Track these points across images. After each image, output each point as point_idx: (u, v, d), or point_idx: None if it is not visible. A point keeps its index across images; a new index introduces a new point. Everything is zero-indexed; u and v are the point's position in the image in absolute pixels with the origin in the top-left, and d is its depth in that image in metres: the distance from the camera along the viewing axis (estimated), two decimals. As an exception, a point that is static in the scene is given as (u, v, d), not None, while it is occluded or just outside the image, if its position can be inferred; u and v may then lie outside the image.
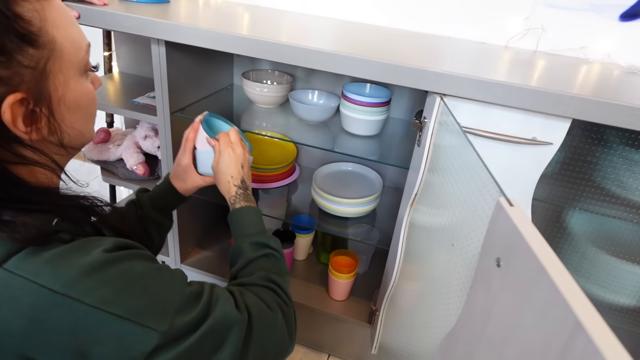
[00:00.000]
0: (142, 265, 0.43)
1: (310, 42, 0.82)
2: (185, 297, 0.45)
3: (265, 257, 0.67)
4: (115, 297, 0.39)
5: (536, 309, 0.32)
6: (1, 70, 0.37)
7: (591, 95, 0.70)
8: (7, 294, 0.36)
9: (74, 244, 0.40)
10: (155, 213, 0.78)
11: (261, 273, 0.63)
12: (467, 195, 0.55)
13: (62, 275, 0.37)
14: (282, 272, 0.66)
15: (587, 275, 0.98)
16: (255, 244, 0.68)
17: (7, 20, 0.36)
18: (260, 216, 0.74)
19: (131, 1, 1.01)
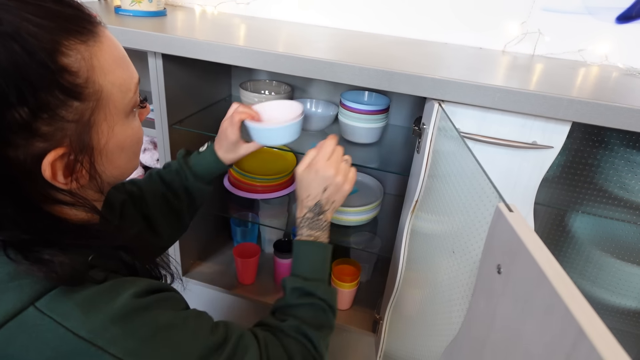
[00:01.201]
0: (169, 314, 0.42)
1: (307, 52, 0.82)
2: (207, 349, 0.44)
3: (308, 307, 0.62)
4: (138, 349, 0.38)
5: (538, 316, 0.31)
6: (44, 127, 0.35)
7: (590, 98, 0.69)
8: (35, 334, 0.35)
9: (105, 285, 0.39)
10: (201, 183, 0.77)
11: (295, 323, 0.59)
12: (467, 201, 0.54)
13: (90, 321, 0.36)
14: (321, 325, 0.61)
15: (592, 279, 0.97)
16: (299, 289, 0.63)
17: (52, 74, 0.34)
18: (320, 254, 0.68)
19: (127, 15, 1.02)
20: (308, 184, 0.68)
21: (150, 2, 1.02)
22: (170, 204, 0.76)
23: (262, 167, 1.21)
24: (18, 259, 0.36)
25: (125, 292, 0.39)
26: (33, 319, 0.35)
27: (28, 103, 0.33)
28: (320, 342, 0.59)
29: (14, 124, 0.34)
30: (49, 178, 0.37)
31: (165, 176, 0.77)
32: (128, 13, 1.02)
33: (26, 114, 0.34)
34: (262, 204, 1.28)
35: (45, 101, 0.34)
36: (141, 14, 1.02)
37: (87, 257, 0.40)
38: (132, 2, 1.00)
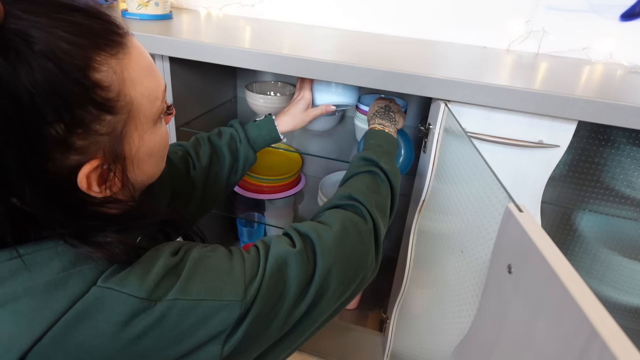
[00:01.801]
0: (198, 251, 0.46)
1: (312, 53, 0.83)
2: (248, 261, 0.47)
3: (366, 174, 0.67)
4: (186, 285, 0.42)
5: (550, 316, 0.31)
6: (79, 142, 0.37)
7: (596, 97, 0.69)
8: (100, 306, 0.38)
9: (147, 254, 0.43)
10: (250, 149, 0.81)
11: (344, 191, 0.62)
12: (476, 201, 0.55)
13: (144, 283, 0.40)
14: (374, 190, 0.64)
15: (599, 278, 0.97)
16: (364, 159, 0.69)
17: (85, 91, 0.35)
18: (390, 141, 0.76)
19: (134, 18, 1.02)
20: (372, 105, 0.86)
21: (157, 5, 1.03)
22: (213, 167, 0.77)
23: (269, 167, 1.22)
24: (77, 244, 0.39)
25: (163, 254, 0.43)
26: (95, 295, 0.38)
27: (63, 119, 0.35)
28: (369, 204, 0.60)
29: (50, 139, 0.35)
30: (84, 189, 0.40)
31: (215, 139, 0.79)
32: (135, 17, 1.02)
33: (62, 130, 0.35)
34: (268, 205, 1.28)
35: (80, 117, 0.36)
36: (148, 17, 1.03)
37: (135, 239, 0.43)
38: (139, 6, 1.01)
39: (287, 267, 0.48)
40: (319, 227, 0.54)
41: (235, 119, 0.85)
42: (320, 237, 0.52)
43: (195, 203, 0.75)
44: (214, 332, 0.42)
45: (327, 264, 0.50)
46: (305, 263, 0.49)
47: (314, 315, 0.50)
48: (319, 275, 0.49)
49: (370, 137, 0.76)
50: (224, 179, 0.78)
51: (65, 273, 0.38)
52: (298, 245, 0.50)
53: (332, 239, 0.52)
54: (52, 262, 0.39)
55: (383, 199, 0.64)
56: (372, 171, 0.67)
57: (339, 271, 0.51)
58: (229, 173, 0.79)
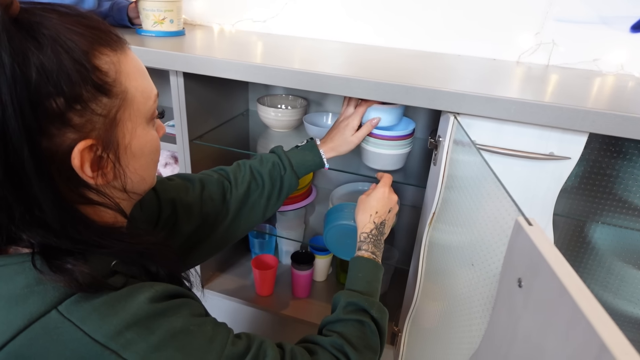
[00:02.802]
0: (185, 320, 0.43)
1: (322, 67, 0.84)
2: (224, 357, 0.45)
3: (357, 324, 0.63)
4: (151, 354, 0.40)
5: (560, 330, 0.31)
6: (76, 118, 0.39)
7: (607, 109, 0.69)
8: (56, 337, 0.37)
9: (123, 291, 0.41)
10: (294, 176, 0.80)
11: (337, 340, 0.59)
12: (486, 214, 0.55)
13: (106, 326, 0.38)
14: (366, 347, 0.61)
15: (614, 291, 0.95)
16: (352, 304, 0.64)
17: (87, 71, 0.39)
18: (378, 274, 0.71)
19: (150, 35, 1.05)
20: (377, 202, 0.78)
21: (172, 22, 1.05)
22: (251, 194, 0.77)
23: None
24: (43, 268, 0.39)
25: (142, 296, 0.41)
26: (54, 322, 0.38)
27: (64, 93, 0.37)
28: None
29: (50, 112, 0.37)
30: (77, 167, 0.40)
31: (256, 165, 0.79)
32: (150, 34, 1.05)
33: (62, 104, 0.38)
34: (279, 216, 1.29)
35: (79, 93, 0.38)
36: (162, 34, 1.05)
37: (109, 263, 0.43)
38: (154, 23, 1.04)
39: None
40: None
41: (278, 146, 0.84)
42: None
43: (225, 227, 0.75)
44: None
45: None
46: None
47: None
48: None
49: (360, 269, 0.72)
50: (261, 206, 0.78)
51: (28, 290, 0.38)
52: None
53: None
54: (18, 276, 0.39)
55: (372, 355, 0.62)
56: (363, 322, 0.63)
57: None
58: (267, 201, 0.78)
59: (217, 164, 0.85)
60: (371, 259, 0.73)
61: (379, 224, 0.76)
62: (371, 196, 0.80)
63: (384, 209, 0.78)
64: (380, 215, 0.77)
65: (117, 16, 1.12)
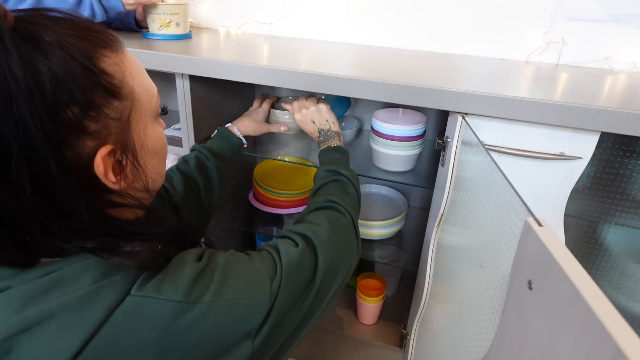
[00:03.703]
0: (222, 258, 0.49)
1: (329, 69, 0.84)
2: (267, 262, 0.51)
3: (331, 182, 0.76)
4: (221, 287, 0.45)
5: (572, 333, 0.30)
6: (92, 125, 0.39)
7: (619, 107, 0.68)
8: (140, 314, 0.40)
9: (173, 262, 0.45)
10: (220, 162, 0.86)
11: (319, 197, 0.70)
12: (495, 215, 0.54)
13: (178, 287, 0.42)
14: (343, 192, 0.73)
15: (628, 293, 0.93)
16: (326, 171, 0.78)
17: (95, 76, 0.39)
18: (341, 152, 0.85)
19: (156, 38, 1.06)
20: (304, 126, 0.95)
21: (178, 25, 1.06)
22: (190, 193, 0.79)
23: (286, 182, 1.23)
24: (107, 256, 0.41)
25: (189, 258, 0.46)
26: (133, 304, 0.40)
27: (78, 101, 0.37)
28: (344, 201, 0.69)
29: (67, 122, 0.37)
30: (101, 174, 0.41)
31: (183, 167, 0.82)
32: (156, 37, 1.06)
33: (77, 112, 0.38)
34: (286, 219, 1.29)
35: (92, 99, 0.39)
36: (169, 37, 1.06)
37: (156, 246, 0.45)
38: (161, 27, 1.04)
39: (297, 263, 0.53)
40: (312, 227, 0.61)
41: (195, 143, 0.90)
42: (316, 235, 0.59)
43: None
44: (247, 328, 0.45)
45: (326, 255, 0.57)
46: (309, 257, 0.56)
47: (319, 301, 0.56)
48: (322, 265, 0.56)
49: (326, 155, 0.86)
50: (205, 200, 0.81)
51: (98, 285, 0.40)
52: (300, 244, 0.56)
53: (326, 235, 0.60)
54: (83, 275, 0.40)
55: (352, 198, 0.74)
56: (337, 179, 0.77)
57: (335, 259, 0.59)
58: (207, 194, 0.82)
59: (224, 166, 0.85)
60: (330, 146, 0.88)
61: (318, 133, 0.92)
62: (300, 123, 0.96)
63: (311, 127, 0.93)
64: (314, 131, 0.93)
65: (125, 20, 1.13)
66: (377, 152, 1.01)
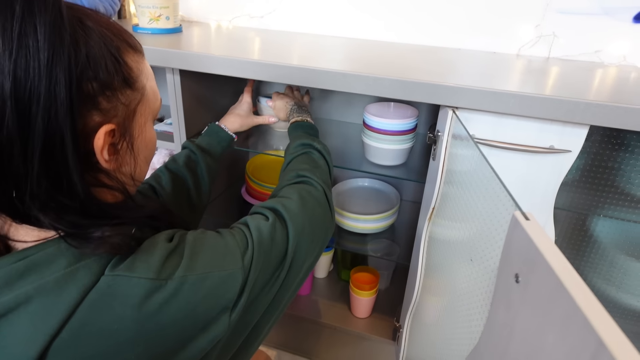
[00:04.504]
0: (192, 234, 0.50)
1: (321, 63, 0.83)
2: (238, 236, 0.52)
3: (302, 155, 0.77)
4: (192, 262, 0.46)
5: (558, 326, 0.31)
6: (104, 102, 0.43)
7: (608, 101, 0.68)
8: (114, 293, 0.41)
9: (145, 243, 0.46)
10: (210, 159, 0.87)
11: (290, 173, 0.71)
12: (484, 208, 0.54)
13: (151, 265, 0.43)
14: (314, 165, 0.74)
15: (617, 284, 0.95)
16: (297, 145, 0.79)
17: (119, 64, 0.44)
18: (311, 127, 0.87)
19: (146, 32, 1.04)
20: (283, 106, 0.99)
21: (168, 19, 1.05)
22: (179, 191, 0.80)
23: (279, 177, 1.22)
24: (78, 244, 0.42)
25: (160, 238, 0.48)
26: (107, 283, 0.41)
27: (100, 79, 0.42)
28: (314, 175, 0.70)
29: (85, 93, 0.41)
30: (98, 148, 0.43)
31: (171, 165, 0.82)
32: (146, 31, 1.04)
33: (96, 88, 0.42)
34: (279, 213, 1.29)
35: (111, 81, 0.43)
36: (159, 31, 1.05)
37: (130, 230, 0.46)
38: (150, 20, 1.03)
39: (268, 236, 0.54)
40: (282, 200, 0.62)
41: (185, 140, 0.90)
42: (285, 207, 0.59)
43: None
44: (223, 302, 0.47)
45: (297, 226, 0.58)
46: (280, 230, 0.56)
47: (294, 275, 0.58)
48: (293, 237, 0.57)
49: (297, 129, 0.87)
50: (195, 198, 0.82)
51: (72, 267, 0.41)
52: (270, 217, 0.57)
53: (296, 206, 0.61)
54: (58, 259, 0.41)
55: (323, 171, 0.75)
56: (308, 152, 0.78)
57: (308, 231, 0.59)
58: (197, 191, 0.82)
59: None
60: (300, 120, 0.90)
61: (291, 104, 0.97)
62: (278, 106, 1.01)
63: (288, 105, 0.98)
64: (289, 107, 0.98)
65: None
66: (369, 146, 1.01)
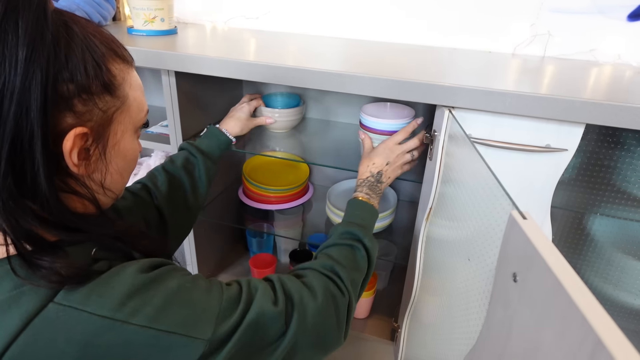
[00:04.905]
0: (177, 279, 0.46)
1: (316, 63, 0.83)
2: (225, 302, 0.47)
3: (348, 248, 0.68)
4: (159, 314, 0.42)
5: (556, 325, 0.31)
6: (79, 105, 0.42)
7: (604, 99, 0.68)
8: (60, 324, 0.38)
9: (111, 270, 0.43)
10: (209, 161, 0.85)
11: (327, 261, 0.63)
12: (481, 208, 0.54)
13: (108, 300, 0.40)
14: (354, 268, 0.65)
15: (614, 282, 0.95)
16: (348, 232, 0.70)
17: (100, 70, 0.44)
18: (373, 215, 0.78)
19: (140, 34, 1.04)
20: (376, 154, 0.84)
21: (162, 21, 1.04)
22: (175, 192, 0.79)
23: (276, 178, 1.22)
24: (21, 272, 0.39)
25: (130, 269, 0.43)
26: (55, 313, 0.38)
27: (76, 81, 0.41)
28: (348, 279, 0.61)
29: (60, 94, 0.40)
30: (66, 150, 0.41)
31: (169, 166, 0.81)
32: (141, 33, 1.04)
33: (72, 90, 0.41)
34: (277, 215, 1.28)
35: (89, 85, 0.43)
36: (153, 33, 1.04)
37: (90, 252, 0.44)
38: (145, 22, 1.03)
39: (265, 324, 0.49)
40: (304, 293, 0.55)
41: (184, 141, 0.89)
42: (302, 304, 0.54)
43: (172, 228, 0.76)
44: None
45: (299, 332, 0.52)
46: (280, 325, 0.51)
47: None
48: (289, 340, 0.51)
49: (356, 208, 0.78)
50: (191, 200, 0.80)
51: (17, 291, 0.38)
52: (280, 305, 0.51)
53: (312, 311, 0.54)
54: (3, 281, 0.39)
55: (359, 277, 0.67)
56: (354, 247, 0.69)
57: (307, 342, 0.53)
58: (194, 193, 0.81)
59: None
60: (365, 200, 0.79)
61: (376, 173, 0.82)
62: (376, 148, 0.86)
63: (382, 161, 0.83)
64: (377, 165, 0.83)
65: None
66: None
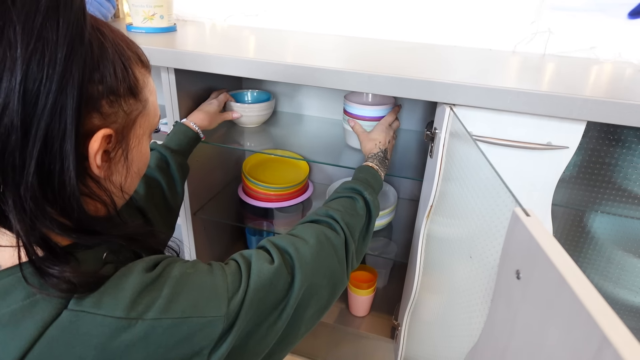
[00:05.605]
0: (178, 268, 0.47)
1: (316, 61, 0.83)
2: (229, 276, 0.49)
3: (347, 198, 0.72)
4: (170, 303, 0.43)
5: (560, 323, 0.30)
6: (107, 107, 0.43)
7: (605, 96, 0.68)
8: (76, 330, 0.38)
9: (119, 273, 0.43)
10: (179, 157, 0.86)
11: (322, 209, 0.67)
12: (483, 205, 0.54)
13: (120, 301, 0.40)
14: (350, 213, 0.68)
15: (615, 280, 0.95)
16: (350, 187, 0.75)
17: (127, 73, 0.45)
18: (378, 181, 0.81)
19: (140, 32, 1.04)
20: (377, 133, 0.92)
21: (162, 18, 1.04)
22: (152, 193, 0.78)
23: (276, 176, 1.22)
24: (34, 281, 0.38)
25: (136, 268, 0.44)
26: (69, 319, 0.38)
27: (106, 83, 0.42)
28: (342, 221, 0.64)
29: (89, 94, 0.41)
30: (92, 151, 0.42)
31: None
32: (140, 30, 1.04)
33: (101, 90, 0.42)
34: (276, 213, 1.28)
35: (117, 87, 0.43)
36: (153, 30, 1.04)
37: (101, 256, 0.44)
38: (144, 19, 1.02)
39: (267, 282, 0.50)
40: (297, 242, 0.57)
41: (152, 142, 0.87)
42: (298, 252, 0.55)
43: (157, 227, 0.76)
44: (197, 348, 0.43)
45: (305, 277, 0.54)
46: (284, 277, 0.52)
47: (295, 326, 0.54)
48: (298, 288, 0.53)
49: (362, 171, 0.81)
50: (170, 199, 0.81)
51: (31, 300, 0.38)
52: (277, 260, 0.53)
53: (309, 254, 0.56)
54: (15, 289, 0.38)
55: (357, 222, 0.69)
56: (354, 197, 0.73)
57: (315, 284, 0.55)
58: (172, 191, 0.81)
59: (211, 162, 0.84)
60: (374, 168, 0.83)
61: (384, 149, 0.89)
62: (373, 130, 0.93)
63: (384, 139, 0.91)
64: (383, 143, 0.90)
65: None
66: (347, 132, 1.06)
